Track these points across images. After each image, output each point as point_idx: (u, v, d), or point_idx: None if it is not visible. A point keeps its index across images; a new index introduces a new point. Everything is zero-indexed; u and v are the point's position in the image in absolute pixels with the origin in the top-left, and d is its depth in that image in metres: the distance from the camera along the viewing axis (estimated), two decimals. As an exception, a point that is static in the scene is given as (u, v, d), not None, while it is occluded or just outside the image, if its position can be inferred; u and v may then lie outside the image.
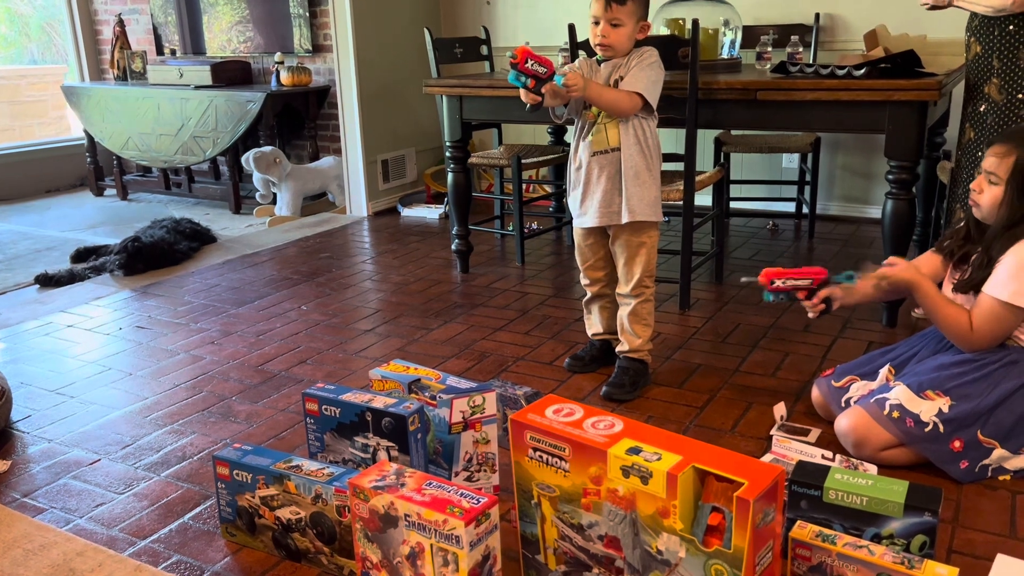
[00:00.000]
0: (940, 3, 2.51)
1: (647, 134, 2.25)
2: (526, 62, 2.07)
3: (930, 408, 1.82)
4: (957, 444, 1.81)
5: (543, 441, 1.38)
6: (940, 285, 2.00)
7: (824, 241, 3.79)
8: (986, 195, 1.87)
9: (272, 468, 1.62)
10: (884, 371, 2.00)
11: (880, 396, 1.88)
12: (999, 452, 1.81)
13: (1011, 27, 2.38)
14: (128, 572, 1.63)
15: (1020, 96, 2.42)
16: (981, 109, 2.51)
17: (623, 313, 2.38)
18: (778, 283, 1.97)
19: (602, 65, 2.28)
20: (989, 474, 1.82)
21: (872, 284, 1.95)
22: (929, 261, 2.06)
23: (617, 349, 2.41)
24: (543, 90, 2.12)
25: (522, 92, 2.14)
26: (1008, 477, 1.82)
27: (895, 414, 1.83)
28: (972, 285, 1.87)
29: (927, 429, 1.81)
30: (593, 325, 2.51)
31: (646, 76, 2.20)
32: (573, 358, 2.51)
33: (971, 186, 1.91)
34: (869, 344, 2.58)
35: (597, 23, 2.19)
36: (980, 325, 1.83)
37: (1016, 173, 1.81)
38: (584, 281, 2.46)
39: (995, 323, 1.82)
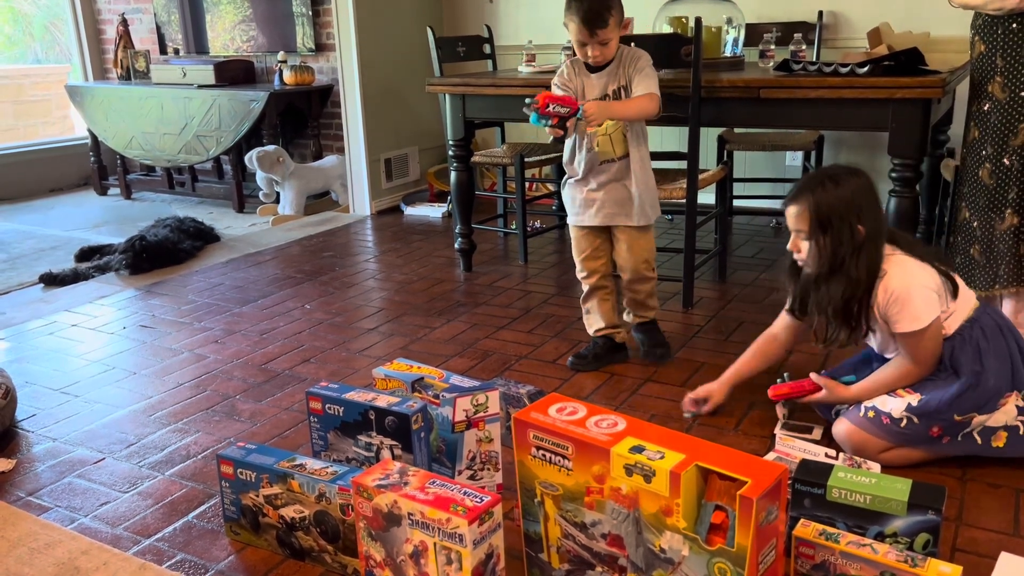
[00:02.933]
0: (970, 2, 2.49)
1: (644, 137, 2.37)
2: (547, 106, 2.13)
3: (899, 404, 1.85)
4: (936, 430, 1.84)
5: (546, 440, 1.38)
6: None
7: (827, 239, 3.78)
8: (804, 252, 1.90)
9: (276, 467, 1.63)
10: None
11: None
12: (979, 418, 1.83)
13: (1014, 25, 2.38)
14: (133, 570, 1.63)
15: (1023, 94, 2.42)
16: (985, 108, 2.50)
17: (634, 296, 2.51)
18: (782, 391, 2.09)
19: (593, 76, 2.34)
20: (979, 441, 1.84)
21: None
22: (782, 325, 2.16)
23: (634, 322, 2.55)
24: (568, 125, 2.18)
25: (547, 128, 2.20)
26: (1004, 436, 1.83)
27: (870, 414, 1.87)
28: (854, 338, 1.90)
29: (903, 424, 1.84)
30: (595, 321, 2.51)
31: (653, 80, 2.31)
32: (576, 356, 2.51)
33: (788, 247, 1.95)
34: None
35: (584, 44, 2.25)
36: (920, 356, 1.85)
37: (812, 221, 1.85)
38: (582, 274, 2.48)
39: (928, 344, 1.84)
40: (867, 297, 1.84)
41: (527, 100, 2.16)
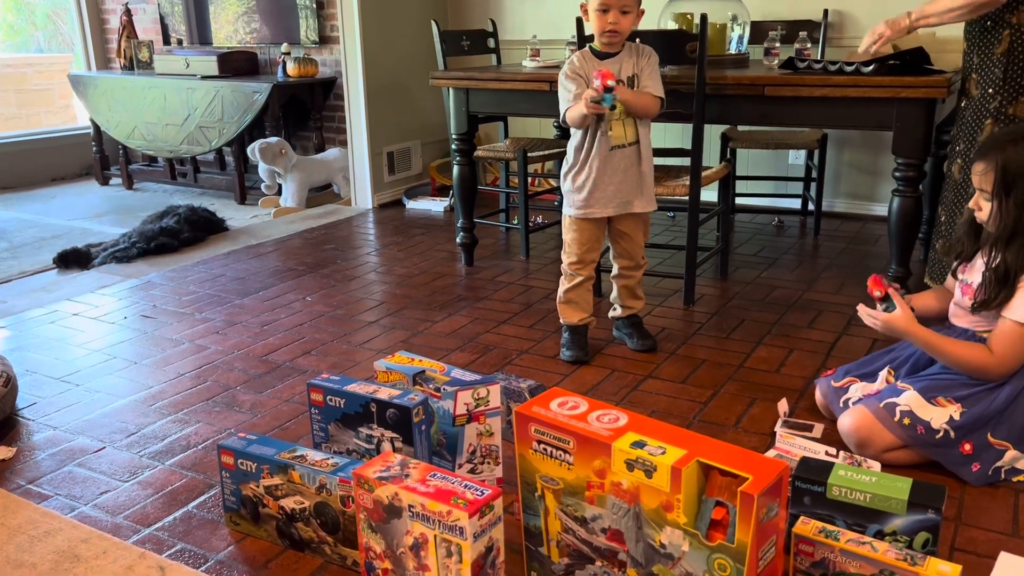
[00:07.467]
0: (897, 32, 2.53)
1: (648, 123, 2.45)
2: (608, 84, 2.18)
3: (941, 415, 1.80)
4: (967, 447, 1.80)
5: (547, 434, 1.38)
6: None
7: (829, 238, 3.78)
8: (985, 211, 1.85)
9: (276, 458, 1.63)
10: (884, 373, 1.99)
11: (889, 400, 1.85)
12: (1012, 453, 1.79)
13: (988, 23, 2.43)
14: (132, 559, 1.63)
15: (990, 91, 2.44)
16: (962, 105, 2.54)
17: (628, 284, 2.58)
18: (884, 284, 1.94)
19: (606, 62, 2.38)
20: (1003, 476, 1.81)
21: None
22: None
23: (624, 314, 2.61)
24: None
25: (594, 105, 2.22)
26: (1023, 478, 1.81)
27: (906, 421, 1.81)
28: (995, 304, 1.82)
29: (938, 436, 1.79)
30: (579, 311, 2.55)
31: (661, 83, 2.41)
32: (578, 349, 2.52)
33: (970, 205, 1.90)
34: (873, 342, 2.58)
35: (605, 11, 2.30)
36: (1004, 351, 1.79)
37: (997, 181, 1.79)
38: (577, 265, 2.51)
39: (1021, 346, 1.78)
40: None
41: (601, 93, 2.18)
